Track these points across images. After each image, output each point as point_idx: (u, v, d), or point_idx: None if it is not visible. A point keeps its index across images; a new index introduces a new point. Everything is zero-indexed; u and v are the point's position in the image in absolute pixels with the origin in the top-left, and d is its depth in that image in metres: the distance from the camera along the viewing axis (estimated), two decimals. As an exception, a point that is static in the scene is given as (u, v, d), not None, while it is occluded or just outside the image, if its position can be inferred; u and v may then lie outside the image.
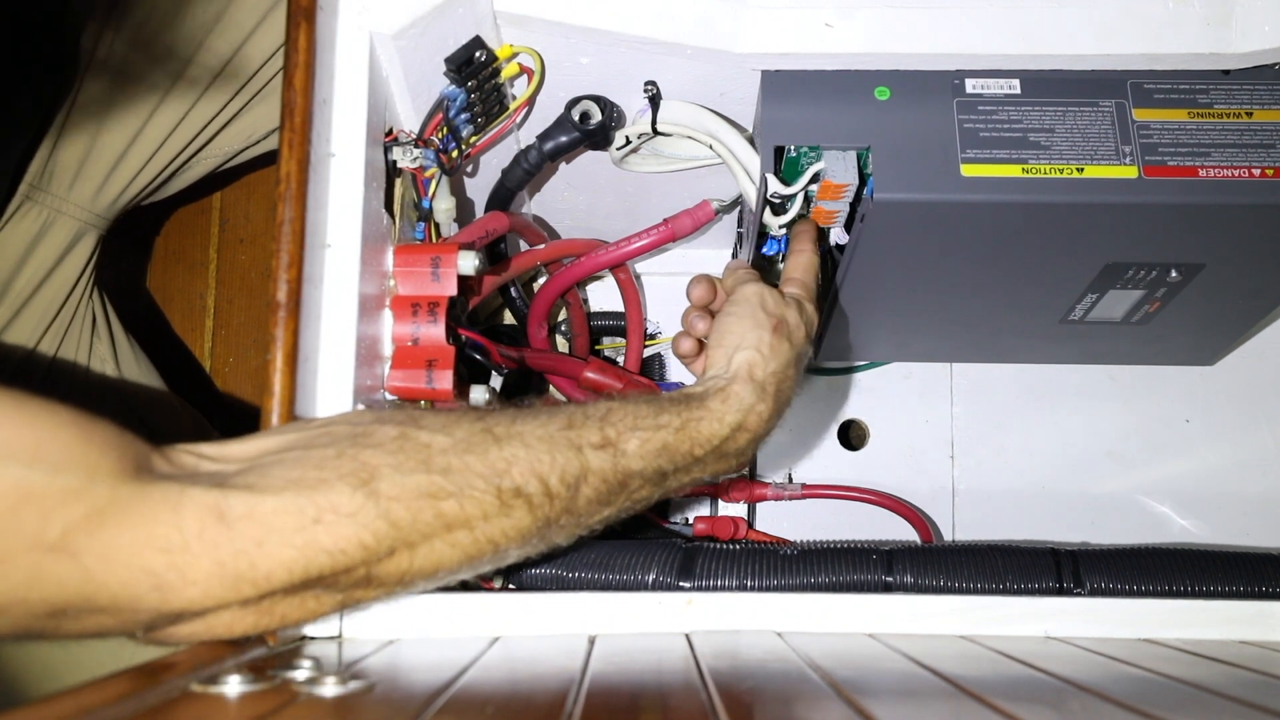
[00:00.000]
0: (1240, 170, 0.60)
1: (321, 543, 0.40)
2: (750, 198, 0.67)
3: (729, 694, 0.38)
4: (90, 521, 0.36)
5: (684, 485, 0.53)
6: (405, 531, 0.42)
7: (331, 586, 0.42)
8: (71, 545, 0.35)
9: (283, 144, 0.50)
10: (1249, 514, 0.86)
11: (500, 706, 0.36)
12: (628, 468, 0.49)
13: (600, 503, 0.48)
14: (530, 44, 0.63)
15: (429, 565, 0.44)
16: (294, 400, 0.49)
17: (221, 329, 1.13)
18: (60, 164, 0.78)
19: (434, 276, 0.59)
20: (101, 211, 0.81)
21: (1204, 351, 0.84)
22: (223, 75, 0.81)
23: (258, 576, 0.39)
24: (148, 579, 0.37)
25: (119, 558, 0.36)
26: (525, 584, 0.57)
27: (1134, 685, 0.41)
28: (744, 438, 0.54)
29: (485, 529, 0.44)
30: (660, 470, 0.50)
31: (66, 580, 0.36)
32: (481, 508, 0.44)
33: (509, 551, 0.46)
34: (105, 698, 0.35)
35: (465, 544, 0.44)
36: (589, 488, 0.47)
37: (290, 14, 0.52)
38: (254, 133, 0.87)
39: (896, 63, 0.62)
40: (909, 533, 0.84)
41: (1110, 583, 0.57)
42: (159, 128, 0.81)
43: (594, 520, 0.49)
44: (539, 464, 0.46)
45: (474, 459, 0.45)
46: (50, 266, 0.80)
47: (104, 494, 0.36)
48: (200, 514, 0.38)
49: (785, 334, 0.57)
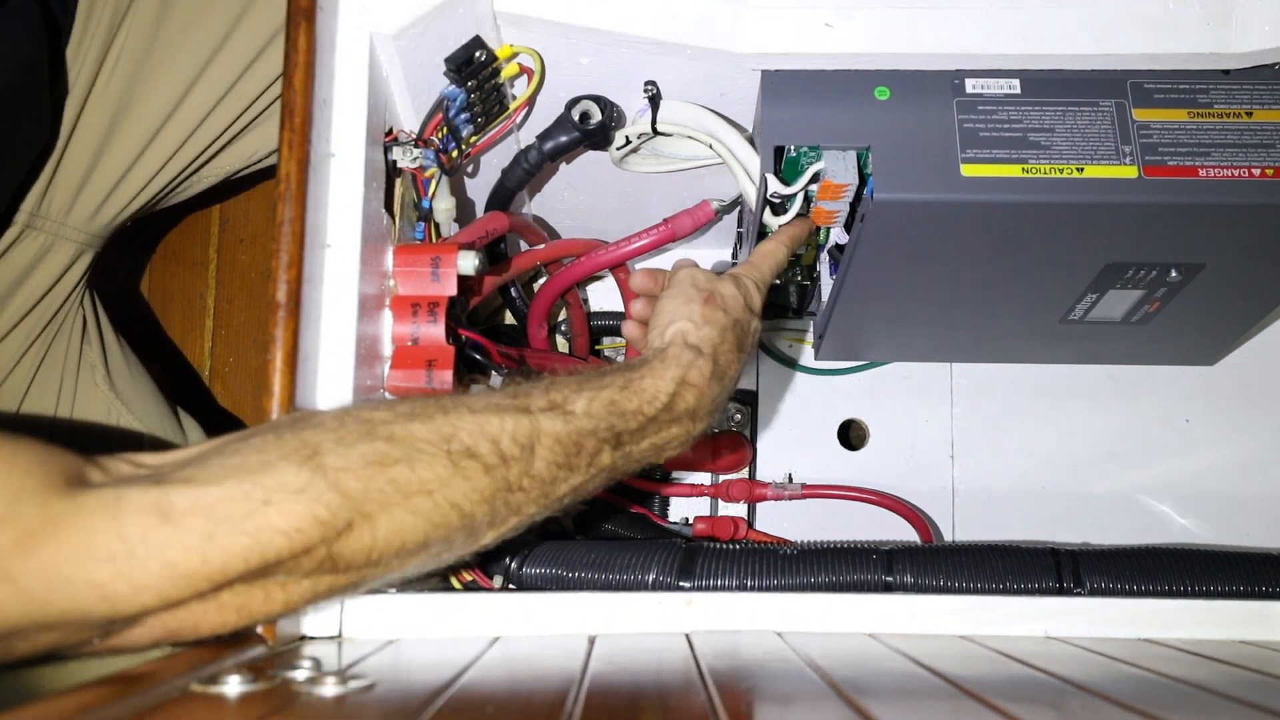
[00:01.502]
0: (1240, 170, 0.60)
1: (275, 524, 0.39)
2: (750, 198, 0.67)
3: (729, 694, 0.38)
4: (21, 545, 0.35)
5: (647, 453, 0.53)
6: (358, 501, 0.41)
7: (294, 572, 0.41)
8: (4, 570, 0.35)
9: (283, 144, 0.50)
10: (1249, 514, 0.86)
11: (500, 706, 0.36)
12: (579, 427, 0.48)
13: (561, 466, 0.48)
14: (530, 44, 0.63)
15: (394, 538, 0.42)
16: (294, 400, 0.49)
17: (221, 329, 1.13)
18: (59, 189, 0.78)
19: (434, 276, 0.60)
20: (98, 231, 0.81)
21: (1204, 351, 0.84)
22: (225, 100, 0.81)
23: (212, 571, 0.38)
24: (93, 591, 0.36)
25: (59, 574, 0.35)
26: (525, 584, 0.57)
27: (1134, 685, 0.41)
28: (690, 394, 0.54)
29: (444, 494, 0.43)
30: (614, 430, 0.50)
31: (5, 605, 0.35)
32: (434, 470, 0.43)
33: (478, 522, 0.45)
34: (105, 698, 0.35)
35: (427, 510, 0.43)
36: (544, 449, 0.47)
37: (290, 14, 0.52)
38: (256, 152, 0.86)
39: (896, 63, 0.62)
40: (909, 533, 0.84)
41: (1110, 583, 0.57)
42: (159, 152, 0.81)
43: (562, 490, 0.49)
44: (488, 426, 0.46)
45: (418, 425, 0.44)
46: (47, 287, 0.79)
47: (32, 515, 0.35)
48: (141, 516, 0.37)
49: (718, 304, 0.58)
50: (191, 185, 0.87)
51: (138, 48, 0.78)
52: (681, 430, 0.54)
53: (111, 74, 0.78)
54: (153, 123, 0.80)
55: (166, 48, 0.79)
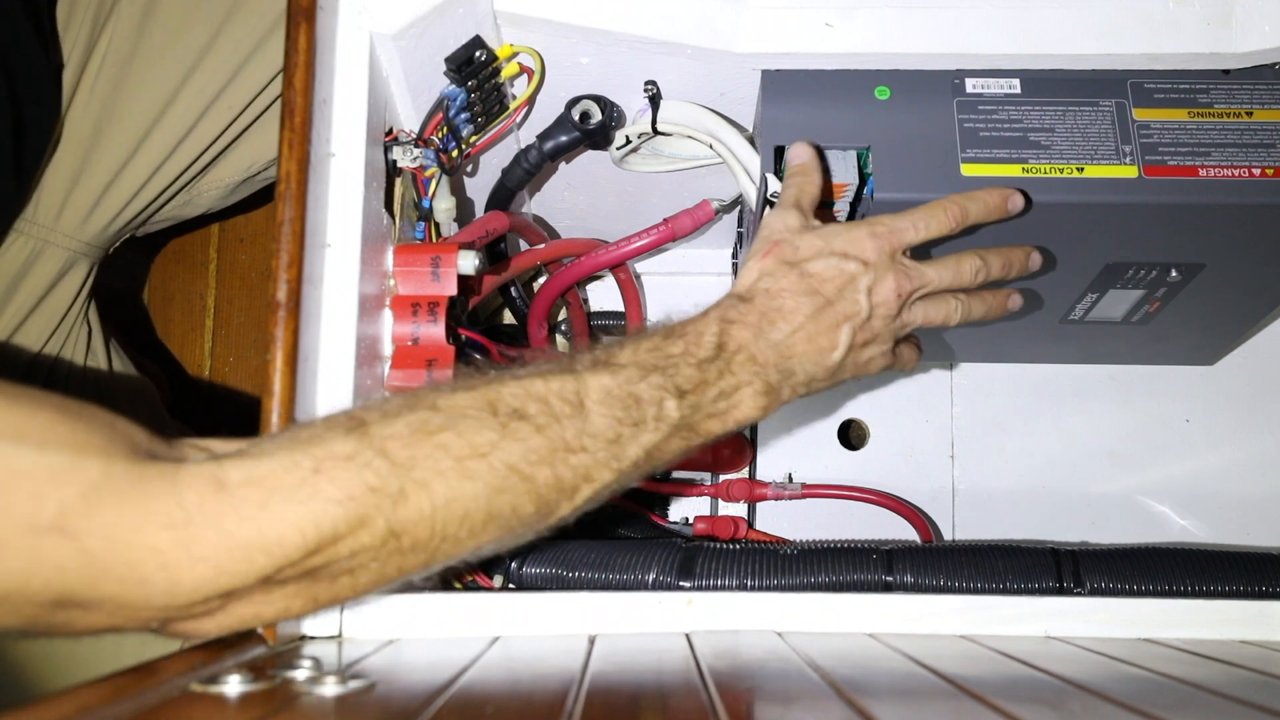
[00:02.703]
0: (1240, 170, 0.60)
1: (326, 492, 0.39)
2: (750, 198, 0.67)
3: (729, 694, 0.38)
4: (86, 500, 0.35)
5: (719, 405, 0.50)
6: (407, 467, 0.41)
7: (357, 551, 0.40)
8: (70, 526, 0.34)
9: (283, 144, 0.50)
10: (1249, 514, 0.86)
11: (500, 706, 0.36)
12: (628, 376, 0.47)
13: (621, 421, 0.46)
14: (530, 44, 0.63)
15: (454, 506, 0.42)
16: (294, 400, 0.49)
17: (221, 329, 1.13)
18: (46, 193, 0.78)
19: (434, 276, 0.59)
20: (91, 240, 0.80)
21: (1204, 351, 0.84)
22: (213, 107, 0.81)
23: (268, 542, 0.37)
24: (153, 558, 0.36)
25: (120, 537, 0.35)
26: (525, 584, 0.57)
27: (1134, 685, 0.41)
28: (737, 331, 0.51)
29: (498, 456, 0.42)
30: (665, 374, 0.48)
31: (68, 564, 0.34)
32: (482, 434, 0.42)
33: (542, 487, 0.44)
34: (105, 697, 0.35)
35: (483, 473, 0.42)
36: (595, 403, 0.46)
37: (290, 14, 0.52)
38: (253, 163, 0.85)
39: (896, 62, 0.62)
40: (909, 533, 0.84)
41: (1110, 583, 0.57)
42: (149, 157, 0.80)
43: (633, 451, 0.47)
44: (533, 387, 0.45)
45: (461, 395, 0.44)
46: (39, 296, 0.79)
47: (96, 471, 0.35)
48: (199, 486, 0.37)
49: (778, 254, 0.54)
50: (191, 200, 0.86)
51: (121, 54, 0.78)
52: (747, 376, 0.50)
53: (95, 79, 0.78)
54: (139, 128, 0.79)
55: (150, 54, 0.79)
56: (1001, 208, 0.58)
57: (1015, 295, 0.63)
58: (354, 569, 0.41)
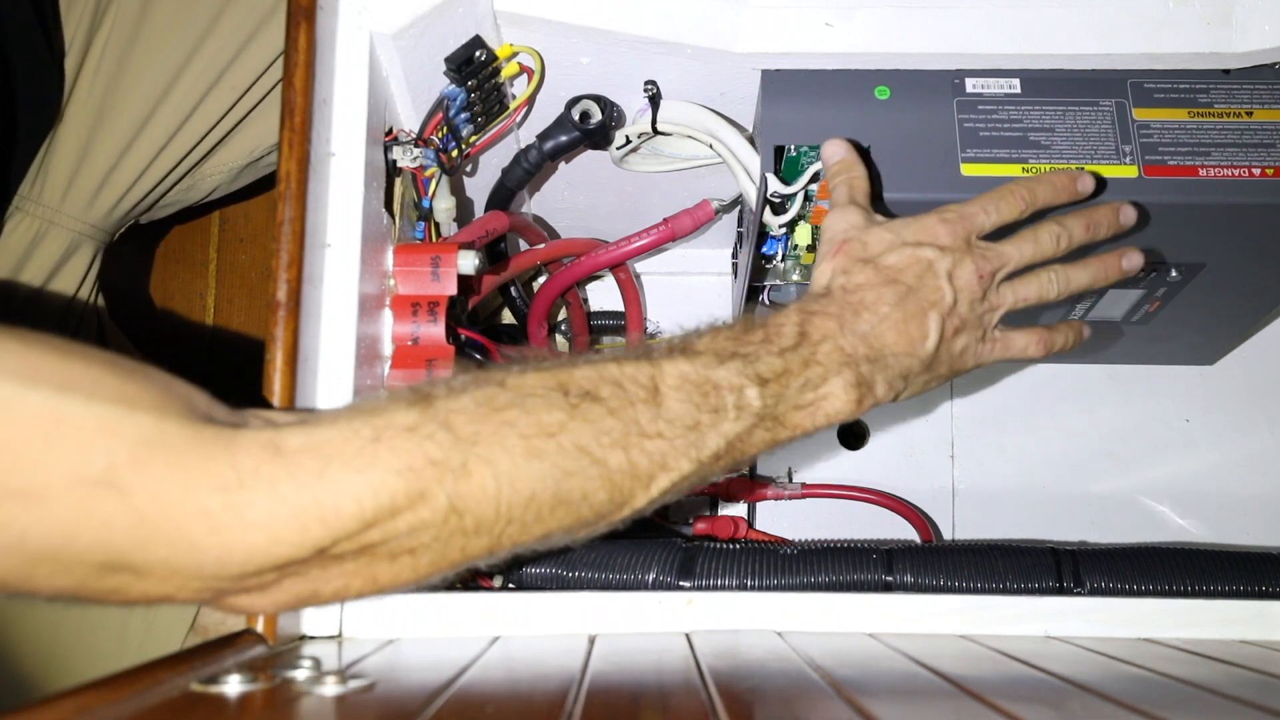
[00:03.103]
0: (1240, 170, 0.60)
1: (386, 461, 0.37)
2: (750, 197, 0.67)
3: (729, 694, 0.38)
4: (135, 456, 0.33)
5: (805, 396, 0.47)
6: (471, 441, 0.39)
7: (417, 528, 0.38)
8: (118, 481, 0.33)
9: (283, 143, 0.50)
10: (1249, 514, 0.86)
11: (500, 706, 0.36)
12: (706, 361, 0.45)
13: (700, 408, 0.44)
14: (530, 44, 0.63)
15: (520, 485, 0.40)
16: (294, 400, 0.49)
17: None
18: (51, 174, 0.78)
19: (434, 276, 0.59)
20: (96, 222, 0.81)
21: (1204, 351, 0.84)
22: (219, 84, 0.81)
23: (324, 512, 0.36)
24: (203, 521, 0.34)
25: (171, 496, 0.34)
26: (525, 584, 0.57)
27: (1134, 685, 0.41)
28: (820, 322, 0.49)
29: (567, 437, 0.41)
30: (746, 361, 0.45)
31: (116, 521, 0.33)
32: (551, 413, 0.41)
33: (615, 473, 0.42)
34: (105, 697, 0.35)
35: (551, 453, 0.40)
36: (671, 388, 0.44)
37: (290, 14, 0.52)
38: (257, 147, 0.86)
39: (896, 62, 0.62)
40: (909, 532, 0.84)
41: (1110, 582, 0.57)
42: (153, 137, 0.81)
43: (714, 441, 0.44)
44: (606, 370, 0.43)
45: (532, 374, 0.42)
46: (45, 277, 0.79)
47: (148, 427, 0.34)
48: (255, 450, 0.36)
49: (848, 251, 0.52)
50: (196, 184, 0.87)
51: (124, 35, 0.79)
52: (835, 366, 0.48)
53: (99, 61, 0.78)
54: (143, 108, 0.80)
55: (153, 35, 0.79)
56: (1070, 188, 0.56)
57: (1133, 253, 0.58)
58: (414, 548, 0.40)
